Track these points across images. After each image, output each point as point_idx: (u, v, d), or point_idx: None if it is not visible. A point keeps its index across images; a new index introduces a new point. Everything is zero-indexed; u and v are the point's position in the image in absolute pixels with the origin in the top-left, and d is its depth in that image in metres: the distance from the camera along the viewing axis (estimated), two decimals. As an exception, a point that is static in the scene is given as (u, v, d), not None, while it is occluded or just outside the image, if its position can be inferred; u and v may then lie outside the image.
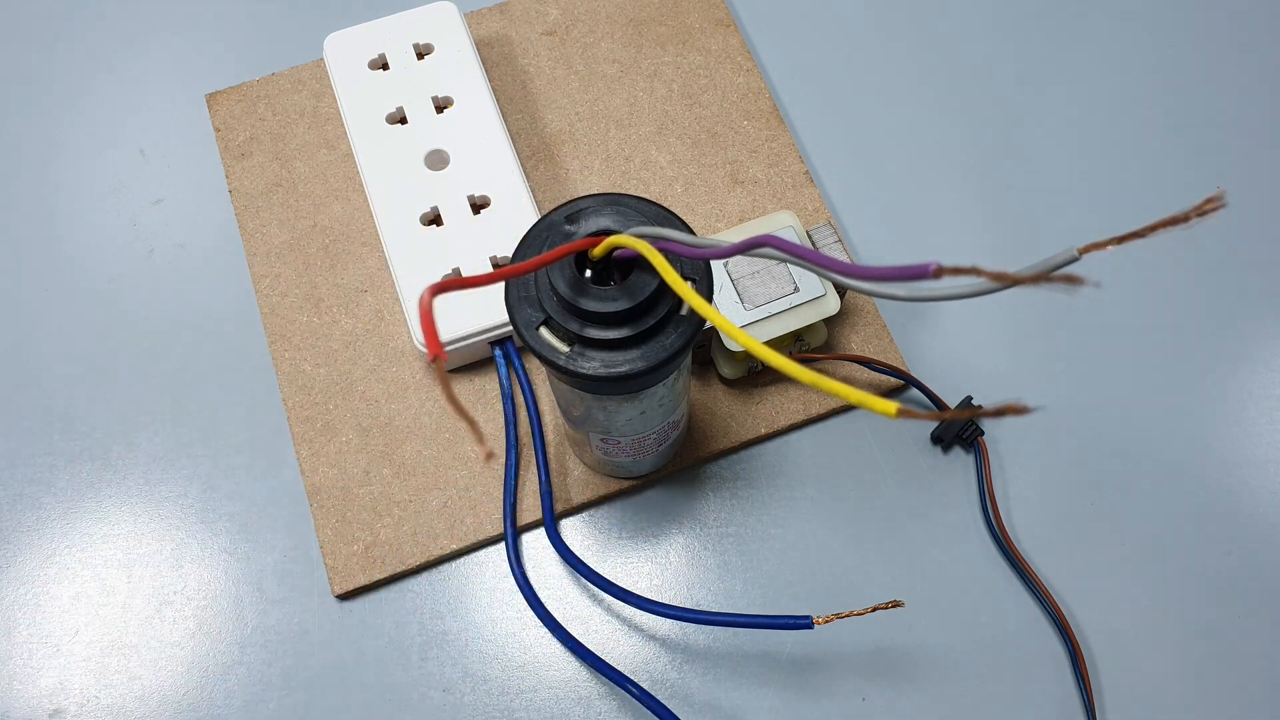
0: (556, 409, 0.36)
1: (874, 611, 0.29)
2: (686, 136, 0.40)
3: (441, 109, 0.38)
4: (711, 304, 0.22)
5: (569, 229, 0.25)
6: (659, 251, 0.23)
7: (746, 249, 0.21)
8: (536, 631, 0.34)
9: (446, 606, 0.34)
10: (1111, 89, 0.42)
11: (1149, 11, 0.44)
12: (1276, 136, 0.41)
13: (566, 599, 0.34)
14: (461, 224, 0.36)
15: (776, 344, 0.35)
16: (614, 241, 0.24)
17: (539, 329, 0.25)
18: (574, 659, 0.33)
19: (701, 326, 0.25)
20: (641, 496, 0.36)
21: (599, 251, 0.24)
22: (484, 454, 0.35)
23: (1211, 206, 0.15)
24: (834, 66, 0.43)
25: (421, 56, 0.39)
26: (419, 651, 0.34)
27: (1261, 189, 0.40)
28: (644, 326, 0.24)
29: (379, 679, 0.33)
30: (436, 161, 0.37)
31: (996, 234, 0.40)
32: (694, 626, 0.34)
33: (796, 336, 0.35)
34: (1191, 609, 0.34)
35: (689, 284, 0.24)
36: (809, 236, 0.35)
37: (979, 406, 0.36)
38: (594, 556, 0.35)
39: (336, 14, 0.43)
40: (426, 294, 0.19)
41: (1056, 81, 0.43)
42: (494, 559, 0.35)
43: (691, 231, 0.25)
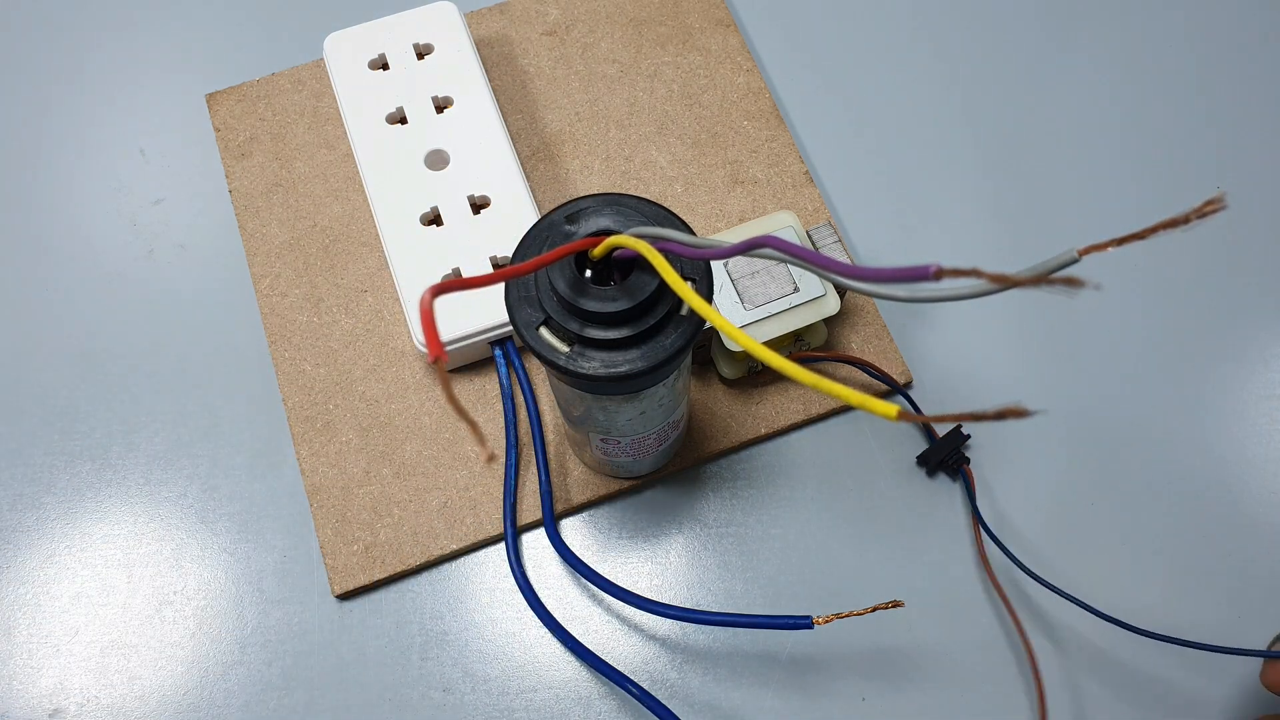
0: (556, 409, 0.36)
1: (874, 611, 0.29)
2: (686, 136, 0.40)
3: (441, 109, 0.38)
4: (711, 304, 0.22)
5: (569, 229, 0.25)
6: (659, 252, 0.23)
7: (746, 249, 0.21)
8: (536, 631, 0.34)
9: (446, 606, 0.34)
10: (1111, 88, 0.42)
11: (1150, 12, 0.44)
12: (1277, 136, 0.41)
13: (566, 599, 0.34)
14: (461, 224, 0.36)
15: (776, 344, 0.35)
16: (614, 242, 0.24)
17: (539, 329, 0.25)
18: (574, 659, 0.33)
19: (701, 326, 0.25)
20: (641, 496, 0.36)
21: (599, 251, 0.24)
22: (485, 456, 0.35)
23: (1211, 209, 0.15)
24: (834, 66, 0.43)
25: (421, 56, 0.39)
26: (419, 651, 0.34)
27: (1261, 189, 0.40)
28: (644, 326, 0.24)
29: (379, 679, 0.33)
30: (436, 161, 0.37)
31: (997, 233, 0.40)
32: (694, 626, 0.34)
33: (796, 336, 0.35)
34: (1192, 609, 0.34)
35: (689, 284, 0.24)
36: (809, 236, 0.35)
37: (985, 413, 0.35)
38: (594, 556, 0.35)
39: (336, 14, 0.43)
40: (427, 295, 0.19)
41: (1057, 80, 0.43)
42: (494, 559, 0.35)
43: (691, 232, 0.25)
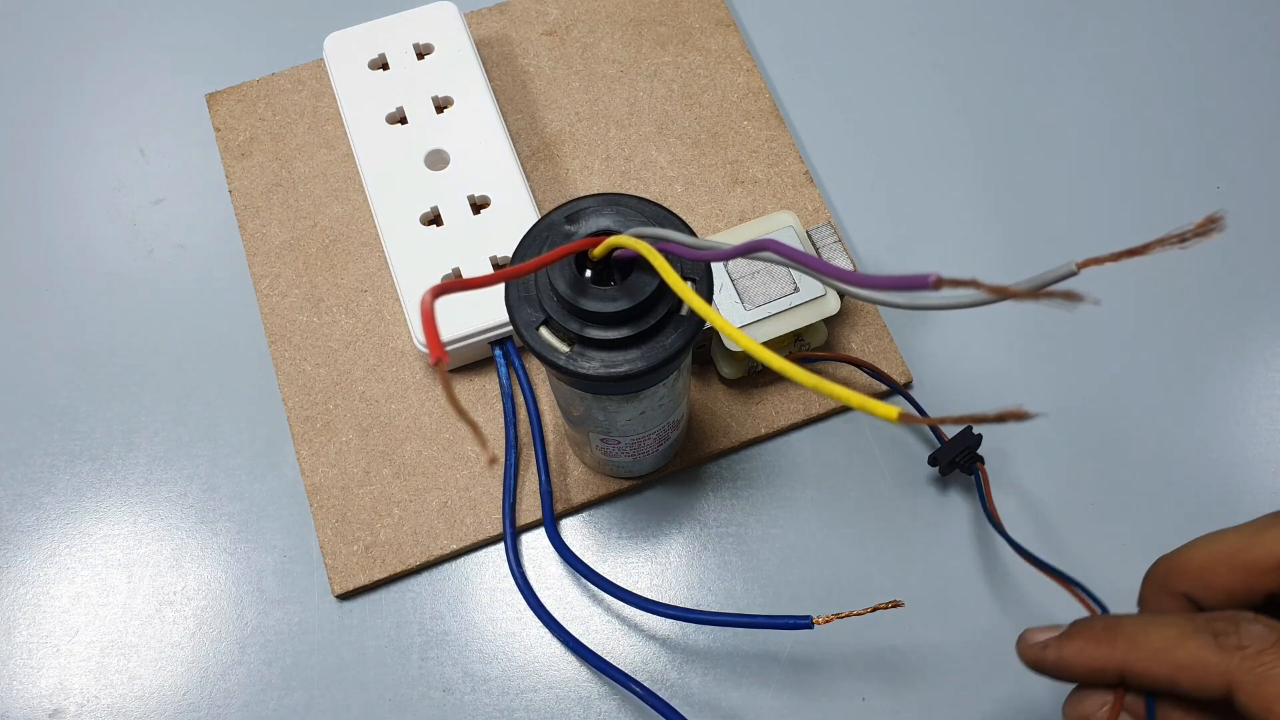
0: (556, 409, 0.36)
1: (874, 611, 0.29)
2: (686, 136, 0.40)
3: (441, 109, 0.38)
4: (711, 304, 0.22)
5: (569, 229, 0.25)
6: (659, 252, 0.23)
7: (747, 252, 0.21)
8: (536, 631, 0.34)
9: (446, 606, 0.34)
10: (1111, 88, 0.42)
11: (1151, 14, 0.44)
12: (1276, 137, 0.41)
13: (566, 599, 0.34)
14: (461, 224, 0.36)
15: (776, 344, 0.35)
16: (614, 242, 0.24)
17: (539, 329, 0.25)
18: (574, 659, 0.33)
19: (701, 326, 0.25)
20: (641, 496, 0.36)
21: (599, 252, 0.24)
22: (487, 459, 0.35)
23: (1210, 227, 0.15)
24: (834, 66, 0.43)
25: (421, 56, 0.39)
26: (419, 651, 0.34)
27: (1261, 190, 0.40)
28: (644, 326, 0.24)
29: (379, 679, 0.33)
30: (436, 161, 0.37)
31: (996, 233, 0.40)
32: (694, 626, 0.34)
33: (796, 336, 0.35)
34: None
35: (689, 284, 0.24)
36: (809, 236, 0.35)
37: (986, 415, 0.35)
38: (594, 556, 0.35)
39: (336, 14, 0.43)
40: (428, 296, 0.19)
41: (1058, 81, 0.43)
42: (494, 559, 0.35)
43: (692, 232, 0.25)
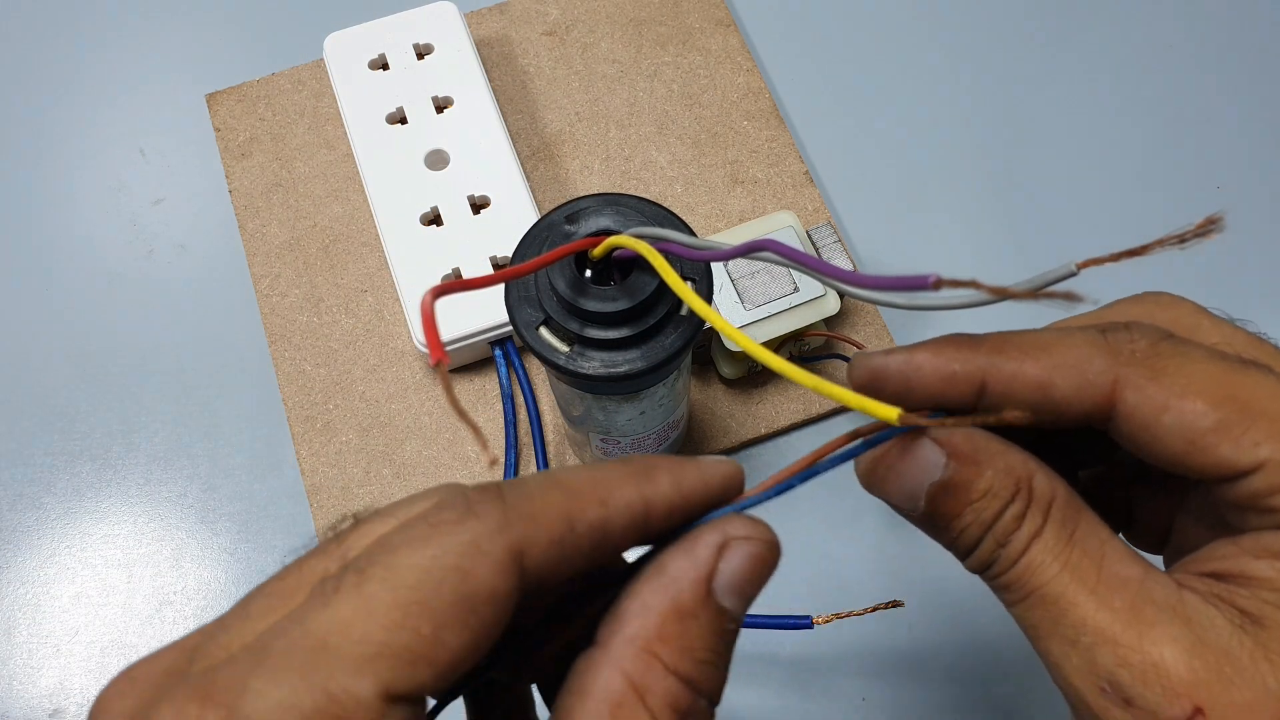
0: (556, 409, 0.36)
1: (874, 611, 0.29)
2: (686, 136, 0.40)
3: (441, 109, 0.38)
4: (711, 304, 0.22)
5: (569, 229, 0.25)
6: (659, 252, 0.23)
7: (747, 252, 0.21)
8: (536, 631, 0.34)
9: (446, 606, 0.34)
10: (1111, 88, 0.42)
11: (1151, 15, 0.44)
12: (1276, 137, 0.41)
13: (566, 599, 0.34)
14: (461, 224, 0.36)
15: (776, 344, 0.35)
16: (614, 242, 0.23)
17: (539, 329, 0.25)
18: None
19: (701, 326, 0.25)
20: (641, 496, 0.36)
21: (599, 252, 0.24)
22: (487, 460, 0.35)
23: (1210, 228, 0.15)
24: (834, 66, 0.43)
25: (421, 56, 0.39)
26: (419, 651, 0.33)
27: (1261, 190, 0.40)
28: (644, 326, 0.24)
29: (379, 679, 0.33)
30: (436, 161, 0.37)
31: (996, 231, 0.40)
32: (694, 626, 0.34)
33: (797, 336, 0.35)
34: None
35: (689, 284, 0.24)
36: (809, 236, 0.35)
37: (987, 416, 0.35)
38: (594, 556, 0.35)
39: (336, 14, 0.43)
40: (428, 297, 0.18)
41: (1058, 81, 0.43)
42: (494, 559, 0.35)
43: (692, 232, 0.25)
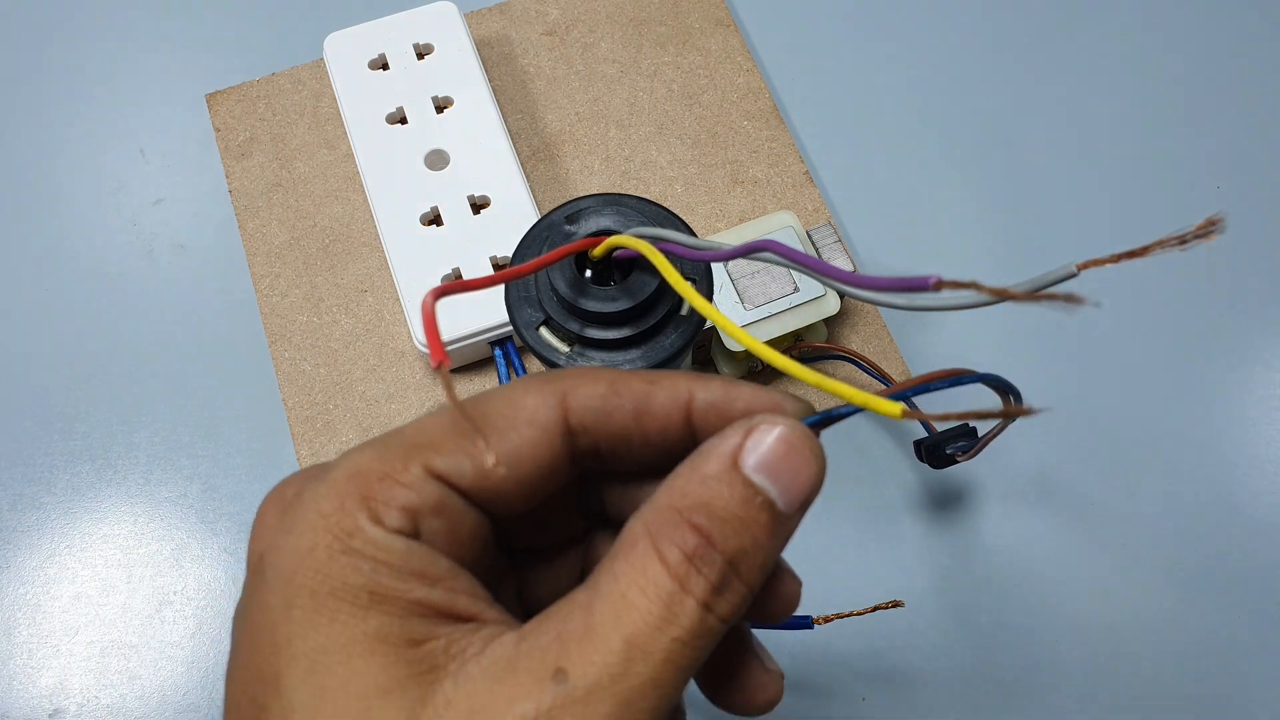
0: (556, 409, 0.36)
1: (874, 611, 0.29)
2: (686, 136, 0.40)
3: (441, 109, 0.38)
4: (712, 304, 0.22)
5: (569, 229, 0.25)
6: (659, 252, 0.23)
7: (747, 253, 0.21)
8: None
9: (447, 606, 0.34)
10: (1111, 88, 0.42)
11: (1152, 13, 0.44)
12: (1276, 137, 0.41)
13: (567, 599, 0.34)
14: (461, 224, 0.36)
15: (776, 344, 0.35)
16: (614, 242, 0.24)
17: (539, 329, 0.25)
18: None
19: (702, 326, 0.25)
20: (641, 496, 0.36)
21: (599, 252, 0.24)
22: (490, 461, 0.35)
23: (1210, 229, 0.16)
24: (834, 66, 0.43)
25: (421, 56, 0.39)
26: (419, 651, 0.34)
27: (1261, 190, 0.40)
28: (644, 326, 0.24)
29: (379, 679, 0.33)
30: (436, 161, 0.37)
31: (996, 234, 0.40)
32: (694, 626, 0.34)
33: (797, 336, 0.35)
34: (1192, 609, 0.34)
35: (689, 284, 0.24)
36: (809, 236, 0.35)
37: (989, 412, 0.35)
38: (594, 556, 0.35)
39: (336, 14, 0.43)
40: (429, 298, 0.18)
41: (1058, 81, 0.43)
42: (494, 559, 0.35)
43: (692, 232, 0.25)
